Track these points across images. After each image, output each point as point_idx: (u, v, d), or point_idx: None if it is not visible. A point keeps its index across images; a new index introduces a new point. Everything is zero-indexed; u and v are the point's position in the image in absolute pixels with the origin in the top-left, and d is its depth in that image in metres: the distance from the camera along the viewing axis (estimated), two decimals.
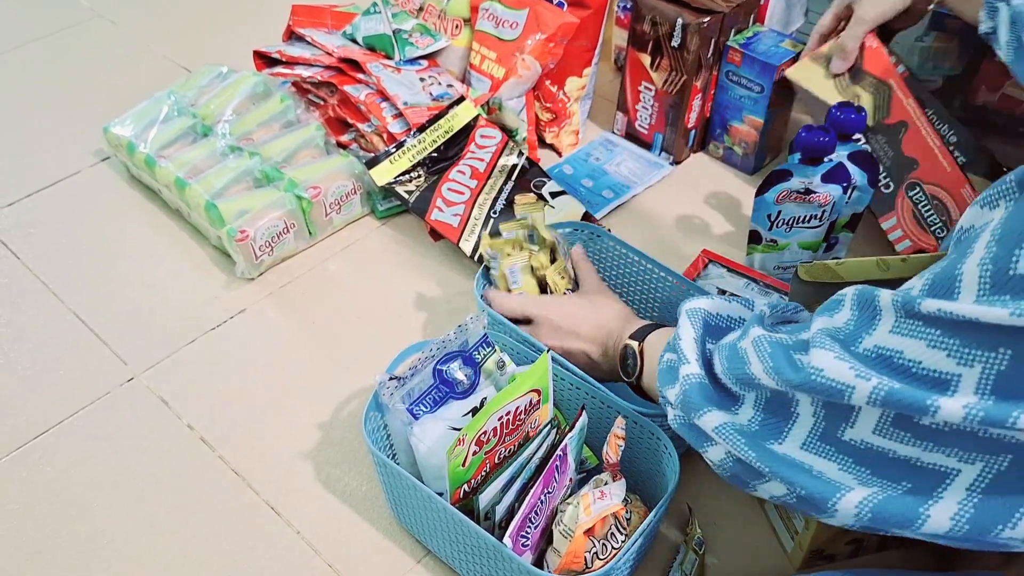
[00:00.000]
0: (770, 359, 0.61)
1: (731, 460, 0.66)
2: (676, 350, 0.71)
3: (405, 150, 1.23)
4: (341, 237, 1.25)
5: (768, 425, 0.63)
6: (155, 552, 0.89)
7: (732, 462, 0.66)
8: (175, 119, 1.29)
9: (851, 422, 0.57)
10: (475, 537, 0.76)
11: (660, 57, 1.27)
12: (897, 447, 0.55)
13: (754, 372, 0.62)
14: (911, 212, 1.12)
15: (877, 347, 0.55)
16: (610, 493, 0.77)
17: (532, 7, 1.29)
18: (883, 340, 0.55)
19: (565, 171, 1.35)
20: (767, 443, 0.62)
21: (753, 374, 0.62)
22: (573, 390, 0.88)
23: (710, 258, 1.11)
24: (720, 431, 0.64)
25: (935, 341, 0.52)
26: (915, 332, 0.53)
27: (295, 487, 0.95)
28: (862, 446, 0.57)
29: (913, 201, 1.12)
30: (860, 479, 0.58)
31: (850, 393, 0.54)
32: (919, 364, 0.52)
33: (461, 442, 0.76)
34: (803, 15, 1.41)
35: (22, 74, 1.57)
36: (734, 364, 0.65)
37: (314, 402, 1.03)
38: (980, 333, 0.49)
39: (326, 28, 1.43)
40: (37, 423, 1.01)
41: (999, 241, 0.49)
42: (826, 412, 0.59)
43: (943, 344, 0.51)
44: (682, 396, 0.68)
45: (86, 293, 1.16)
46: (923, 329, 0.52)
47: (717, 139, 1.36)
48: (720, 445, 0.66)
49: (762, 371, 0.61)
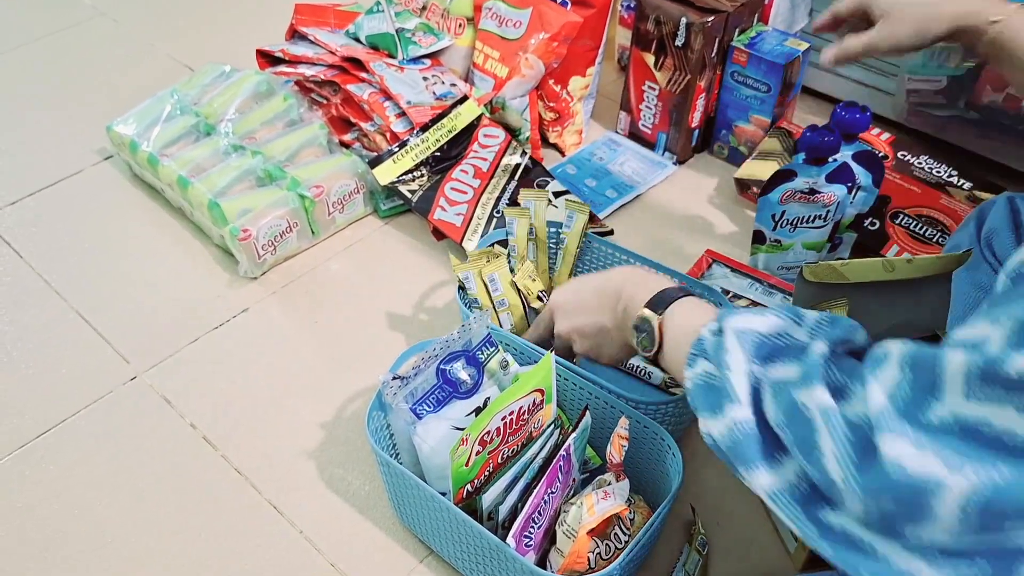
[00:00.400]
0: (842, 444, 0.51)
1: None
2: (721, 369, 0.61)
3: (408, 149, 1.23)
4: (344, 236, 1.25)
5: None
6: (157, 551, 0.89)
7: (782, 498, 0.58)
8: (178, 118, 1.29)
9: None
10: (478, 537, 0.76)
11: (664, 56, 1.27)
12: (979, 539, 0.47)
13: (823, 448, 0.52)
14: (906, 234, 1.17)
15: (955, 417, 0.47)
16: (613, 493, 0.77)
17: (536, 6, 1.29)
18: (960, 408, 0.46)
19: (568, 171, 1.35)
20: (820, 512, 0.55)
21: (822, 450, 0.52)
22: (577, 390, 0.88)
23: (714, 258, 1.11)
24: (774, 497, 0.56)
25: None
26: (998, 398, 0.45)
27: (298, 486, 0.95)
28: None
29: (903, 226, 1.17)
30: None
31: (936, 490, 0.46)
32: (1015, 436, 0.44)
33: (464, 442, 0.75)
34: (807, 14, 1.41)
35: (25, 73, 1.57)
36: (795, 424, 0.55)
37: (317, 401, 1.03)
38: None
39: (329, 27, 1.43)
40: (39, 422, 1.00)
41: None
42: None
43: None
44: (730, 442, 0.59)
45: (88, 292, 1.16)
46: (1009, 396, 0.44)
47: (721, 139, 1.36)
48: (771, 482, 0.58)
49: (832, 454, 0.51)
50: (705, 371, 0.62)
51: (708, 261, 1.11)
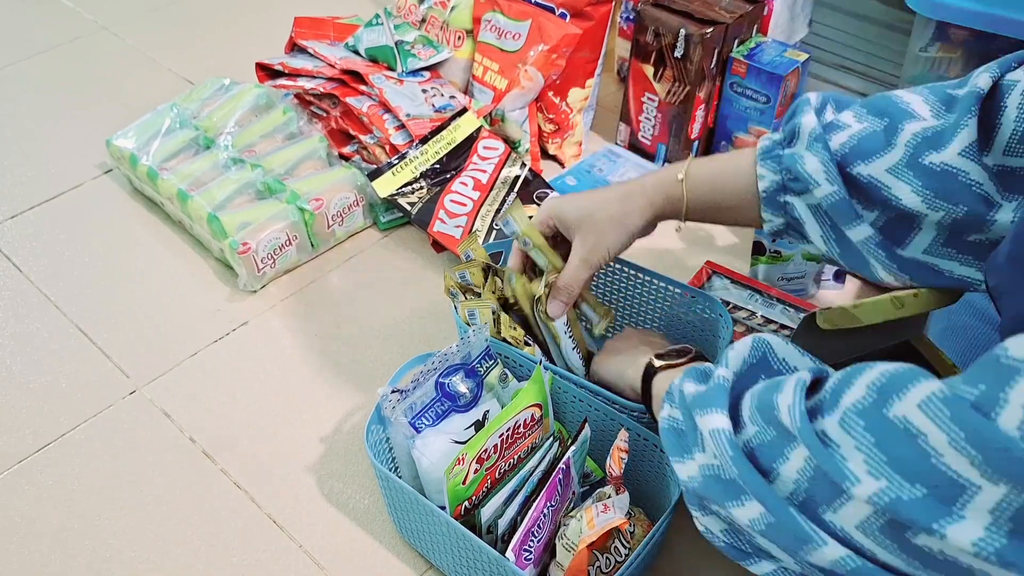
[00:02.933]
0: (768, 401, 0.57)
1: (703, 476, 0.62)
2: (723, 357, 0.65)
3: (407, 162, 1.23)
4: (343, 249, 1.25)
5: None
6: (157, 565, 0.89)
7: (705, 478, 0.61)
8: (178, 131, 1.29)
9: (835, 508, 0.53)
10: (477, 551, 0.76)
11: (663, 68, 1.27)
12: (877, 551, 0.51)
13: (780, 404, 0.57)
14: None
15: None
16: (613, 506, 0.76)
17: (535, 18, 1.30)
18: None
19: (568, 182, 1.35)
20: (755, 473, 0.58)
21: (778, 406, 0.57)
22: (576, 402, 0.88)
23: (714, 269, 1.11)
24: (715, 435, 0.60)
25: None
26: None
27: (297, 500, 0.94)
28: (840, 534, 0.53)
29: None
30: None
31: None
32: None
33: (461, 461, 0.75)
34: (807, 25, 1.41)
35: (26, 86, 1.58)
36: (765, 394, 0.59)
37: (316, 415, 1.03)
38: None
39: (328, 40, 1.44)
40: (39, 436, 1.00)
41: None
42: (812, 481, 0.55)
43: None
44: (700, 395, 0.63)
45: (88, 305, 1.16)
46: None
47: (721, 151, 1.36)
48: (699, 460, 0.62)
49: (787, 409, 0.56)
50: (705, 366, 0.68)
51: (708, 272, 1.11)
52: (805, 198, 0.72)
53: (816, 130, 0.71)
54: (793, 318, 1.04)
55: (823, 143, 0.70)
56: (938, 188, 0.65)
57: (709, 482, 0.60)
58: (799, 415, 0.54)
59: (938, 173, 0.65)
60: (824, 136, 0.71)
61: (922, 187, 0.65)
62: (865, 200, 0.70)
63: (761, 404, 0.59)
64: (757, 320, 1.04)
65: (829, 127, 0.71)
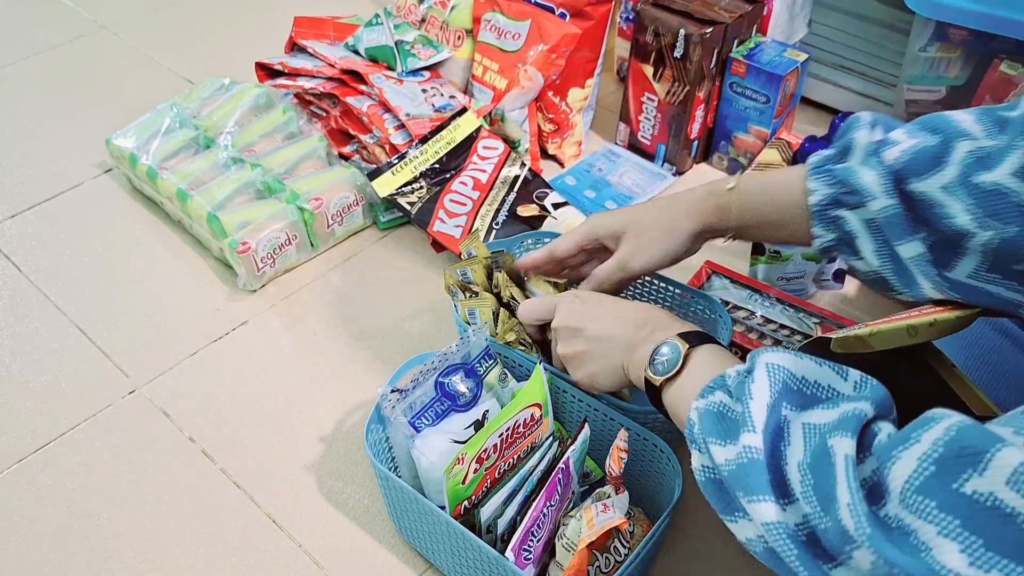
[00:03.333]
0: (856, 494, 0.50)
1: (764, 547, 0.57)
2: (742, 400, 0.59)
3: (407, 161, 1.23)
4: (343, 249, 1.25)
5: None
6: (156, 565, 0.89)
7: (765, 549, 0.57)
8: (177, 131, 1.29)
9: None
10: (477, 551, 0.76)
11: (663, 68, 1.27)
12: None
13: (839, 498, 0.51)
14: None
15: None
16: (613, 506, 0.76)
17: (534, 18, 1.30)
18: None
19: (568, 182, 1.35)
20: (820, 563, 0.53)
21: (837, 499, 0.51)
22: (576, 402, 0.88)
23: (713, 269, 1.11)
24: (770, 529, 0.55)
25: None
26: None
27: (297, 500, 0.94)
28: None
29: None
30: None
31: None
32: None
33: (460, 461, 0.75)
34: (806, 25, 1.41)
35: (26, 86, 1.58)
36: (819, 468, 0.54)
37: (316, 414, 1.03)
38: None
39: (328, 40, 1.43)
40: (38, 435, 1.00)
41: None
42: None
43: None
44: (736, 468, 0.57)
45: (88, 305, 1.16)
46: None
47: (721, 150, 1.36)
48: (757, 528, 0.57)
49: (848, 508, 0.50)
50: (721, 401, 0.62)
51: (708, 272, 1.11)
52: (859, 212, 0.72)
53: (871, 145, 0.71)
54: (793, 318, 1.04)
55: (878, 157, 0.70)
56: (988, 207, 0.64)
57: (766, 555, 0.57)
58: (864, 517, 0.49)
59: (988, 192, 0.64)
60: (879, 151, 0.71)
61: (974, 205, 0.65)
62: (917, 216, 0.69)
63: (817, 488, 0.53)
64: (757, 320, 1.04)
65: (883, 143, 0.71)
